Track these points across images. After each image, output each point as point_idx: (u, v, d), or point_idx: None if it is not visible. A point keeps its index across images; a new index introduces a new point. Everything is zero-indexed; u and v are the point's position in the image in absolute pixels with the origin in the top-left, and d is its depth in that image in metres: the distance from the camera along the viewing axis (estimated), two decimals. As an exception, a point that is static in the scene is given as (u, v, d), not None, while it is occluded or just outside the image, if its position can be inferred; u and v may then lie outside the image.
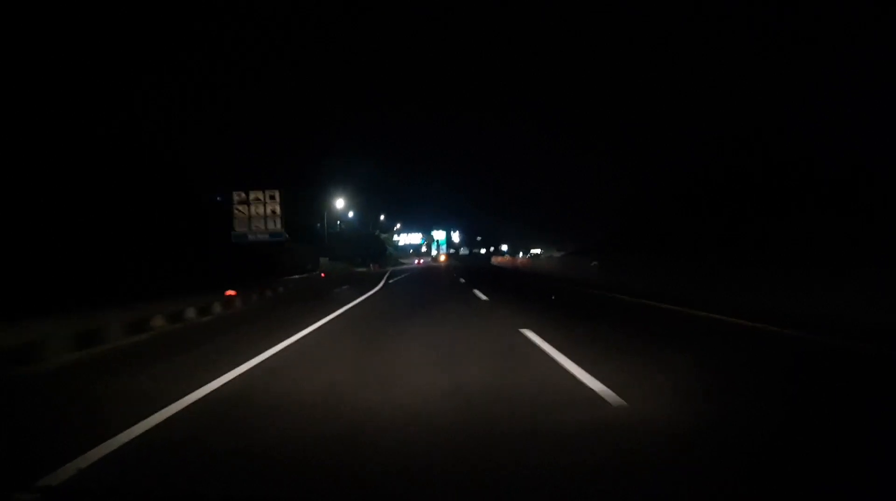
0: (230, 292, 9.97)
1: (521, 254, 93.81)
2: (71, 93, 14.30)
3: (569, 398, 3.54)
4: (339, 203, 43.09)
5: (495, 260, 57.20)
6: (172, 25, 20.58)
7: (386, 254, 54.96)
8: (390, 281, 19.57)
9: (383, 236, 56.25)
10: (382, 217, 59.85)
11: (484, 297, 11.92)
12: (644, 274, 12.78)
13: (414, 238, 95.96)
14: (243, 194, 17.78)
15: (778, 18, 18.32)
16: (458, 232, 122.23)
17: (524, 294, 13.01)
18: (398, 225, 72.43)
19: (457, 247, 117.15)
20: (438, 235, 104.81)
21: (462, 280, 18.32)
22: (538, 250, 68.39)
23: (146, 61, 18.86)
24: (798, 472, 2.30)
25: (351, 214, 56.83)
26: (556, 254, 47.28)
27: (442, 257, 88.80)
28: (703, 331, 6.51)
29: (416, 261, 76.41)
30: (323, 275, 19.79)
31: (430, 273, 29.12)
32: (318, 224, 55.20)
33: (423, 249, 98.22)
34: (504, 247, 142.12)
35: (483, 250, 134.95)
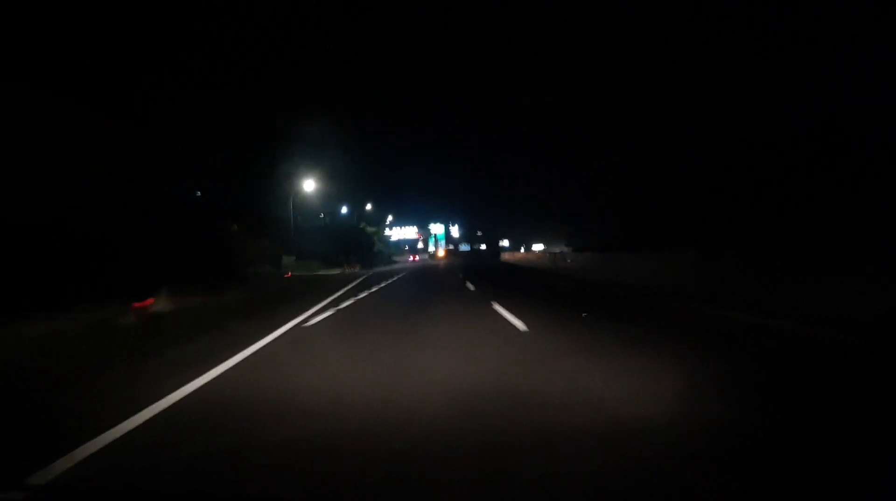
0: None
1: (522, 249, 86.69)
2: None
3: None
4: (308, 186, 33.35)
5: (506, 257, 47.83)
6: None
7: (374, 251, 45.29)
8: (340, 306, 9.41)
9: (370, 229, 46.25)
10: (369, 206, 49.93)
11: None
12: None
13: (408, 232, 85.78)
14: None
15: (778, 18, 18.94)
16: (457, 226, 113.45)
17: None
18: (390, 217, 61.61)
19: (456, 242, 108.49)
20: (436, 228, 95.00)
21: (513, 320, 6.92)
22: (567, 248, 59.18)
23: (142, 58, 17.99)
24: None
25: (344, 209, 47.71)
26: (565, 250, 42.55)
27: (441, 254, 79.05)
28: None
29: (411, 258, 67.11)
30: (148, 302, 7.44)
31: (428, 281, 19.29)
32: (299, 217, 45.97)
33: (420, 244, 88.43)
34: (505, 242, 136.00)
35: (483, 246, 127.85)
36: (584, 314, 7.82)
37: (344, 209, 49.78)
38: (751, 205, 17.28)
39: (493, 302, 9.24)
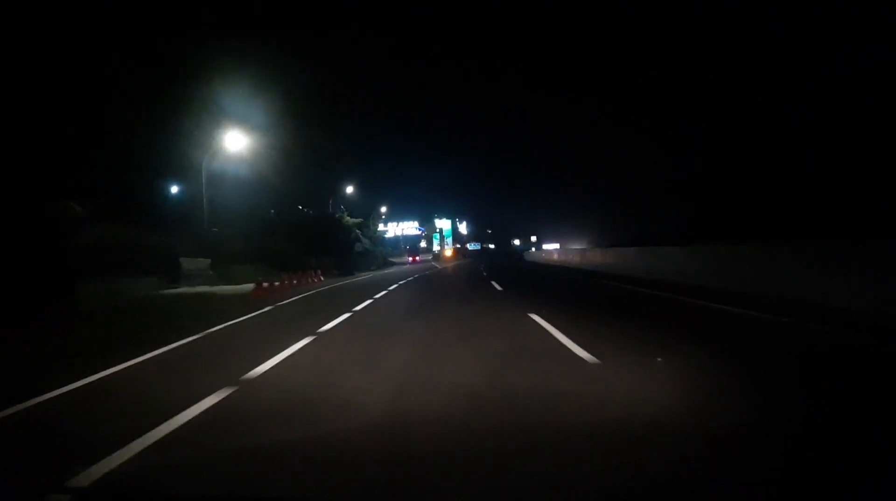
0: None
1: (533, 249, 76.74)
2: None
3: None
4: (236, 142, 19.96)
5: (553, 258, 34.56)
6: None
7: (356, 251, 32.08)
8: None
9: (351, 220, 32.78)
10: (350, 189, 36.60)
11: None
12: None
13: (408, 228, 71.97)
14: None
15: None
16: (465, 223, 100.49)
17: None
18: (384, 208, 47.51)
19: (464, 240, 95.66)
20: (443, 224, 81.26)
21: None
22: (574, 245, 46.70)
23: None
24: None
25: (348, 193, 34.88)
26: (579, 246, 38.25)
27: (448, 253, 65.32)
28: None
29: (411, 259, 53.74)
30: None
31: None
32: (275, 209, 32.94)
33: (423, 243, 74.83)
34: (517, 241, 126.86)
35: (493, 246, 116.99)
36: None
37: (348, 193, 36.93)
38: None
39: None
